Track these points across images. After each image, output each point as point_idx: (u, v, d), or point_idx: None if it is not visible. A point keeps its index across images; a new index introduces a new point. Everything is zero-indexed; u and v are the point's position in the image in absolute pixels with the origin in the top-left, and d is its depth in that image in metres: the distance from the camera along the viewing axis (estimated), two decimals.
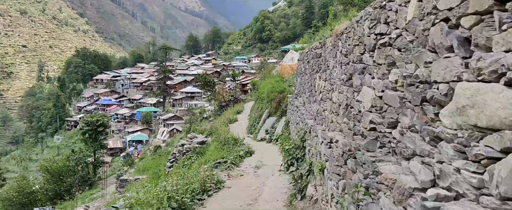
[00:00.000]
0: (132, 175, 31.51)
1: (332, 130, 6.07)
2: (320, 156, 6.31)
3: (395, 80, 3.61)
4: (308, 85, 11.04)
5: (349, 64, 5.60)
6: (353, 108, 5.05)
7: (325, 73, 7.98)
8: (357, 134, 4.64)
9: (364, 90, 4.62)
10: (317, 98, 8.97)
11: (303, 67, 12.48)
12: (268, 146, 15.79)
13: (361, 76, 4.89)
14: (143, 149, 68.42)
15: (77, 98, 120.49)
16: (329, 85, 7.41)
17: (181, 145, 21.20)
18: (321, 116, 7.94)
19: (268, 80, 22.35)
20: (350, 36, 5.79)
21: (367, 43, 4.82)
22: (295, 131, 12.58)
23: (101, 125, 43.68)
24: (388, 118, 3.68)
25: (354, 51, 5.38)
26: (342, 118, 5.56)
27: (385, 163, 3.39)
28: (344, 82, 5.71)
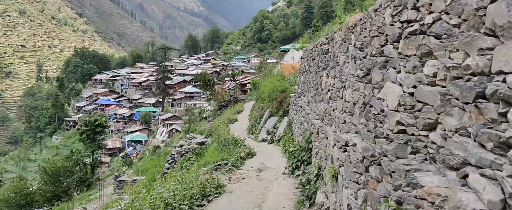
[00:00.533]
0: (130, 176, 30.87)
1: (346, 132, 5.46)
2: (331, 160, 5.71)
3: (433, 73, 3.00)
4: (313, 83, 10.44)
5: (365, 58, 5.00)
6: (372, 107, 4.44)
7: (334, 70, 7.37)
8: (379, 137, 4.03)
9: (388, 86, 4.01)
10: (324, 97, 8.37)
11: (307, 64, 11.88)
12: (269, 147, 15.18)
13: (382, 70, 4.29)
14: (142, 149, 67.97)
15: (76, 98, 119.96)
16: (339, 82, 6.81)
17: (179, 146, 20.57)
18: (330, 116, 7.34)
19: (269, 79, 21.73)
20: (366, 27, 5.18)
21: (389, 33, 4.21)
22: (299, 132, 11.98)
23: (99, 125, 43.00)
24: (424, 118, 3.07)
25: (373, 43, 4.77)
26: (358, 118, 4.95)
27: (424, 173, 2.78)
28: (360, 78, 5.10)
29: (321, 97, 9.01)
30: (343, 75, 6.46)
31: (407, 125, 3.40)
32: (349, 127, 5.44)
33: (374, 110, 4.37)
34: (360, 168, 4.08)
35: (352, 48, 5.99)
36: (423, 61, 3.24)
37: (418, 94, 3.25)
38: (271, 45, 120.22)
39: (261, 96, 20.44)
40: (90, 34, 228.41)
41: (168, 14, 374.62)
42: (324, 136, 6.78)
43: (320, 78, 9.45)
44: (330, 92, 7.52)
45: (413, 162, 3.01)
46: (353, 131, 5.17)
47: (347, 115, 5.72)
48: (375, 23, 4.72)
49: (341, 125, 6.07)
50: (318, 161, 7.20)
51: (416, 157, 3.15)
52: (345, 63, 6.49)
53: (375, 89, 4.43)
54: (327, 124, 7.49)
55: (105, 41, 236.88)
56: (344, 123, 5.89)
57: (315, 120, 8.85)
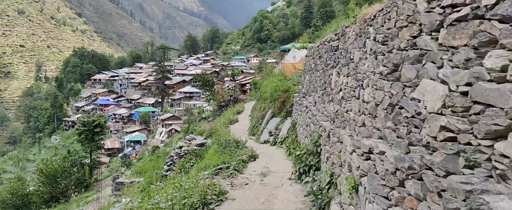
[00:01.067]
0: (129, 177, 30.20)
1: (366, 136, 4.80)
2: (349, 168, 5.04)
3: (501, 66, 2.34)
4: (321, 82, 9.78)
5: (391, 53, 4.33)
6: (403, 109, 3.78)
7: (347, 68, 6.71)
8: (415, 145, 3.37)
9: (425, 84, 3.36)
10: (335, 97, 7.71)
11: (313, 63, 11.23)
12: (272, 149, 14.51)
13: (416, 66, 3.63)
14: (141, 150, 67.60)
15: (75, 98, 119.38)
16: (354, 81, 6.14)
17: (179, 148, 19.90)
18: (343, 117, 6.68)
19: (270, 79, 21.05)
20: (391, 18, 4.52)
21: (424, 22, 3.55)
22: (304, 133, 11.32)
23: (98, 126, 42.29)
24: (487, 124, 2.41)
25: (401, 35, 4.11)
26: (383, 121, 4.29)
27: (495, 196, 2.13)
28: (384, 75, 4.44)
29: (330, 97, 8.35)
30: (359, 73, 5.81)
31: (458, 131, 2.74)
32: (370, 131, 4.77)
33: (405, 112, 3.71)
34: (392, 181, 3.42)
35: (371, 43, 5.33)
36: (482, 52, 2.58)
37: (475, 93, 2.59)
38: (271, 45, 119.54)
39: (263, 96, 19.77)
40: (89, 34, 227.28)
41: (168, 14, 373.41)
42: (338, 140, 6.12)
43: (328, 76, 8.80)
44: (343, 91, 6.86)
45: (475, 180, 2.35)
46: (376, 136, 4.50)
47: (366, 117, 5.06)
48: (403, 12, 4.06)
49: (359, 128, 5.41)
50: (330, 167, 6.54)
51: (474, 172, 2.49)
52: (361, 60, 5.83)
53: (407, 88, 3.76)
54: (339, 126, 6.83)
55: (104, 41, 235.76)
56: (362, 127, 5.23)
57: (324, 122, 8.19)
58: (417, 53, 3.65)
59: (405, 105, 3.72)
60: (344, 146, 5.43)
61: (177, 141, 50.88)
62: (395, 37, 4.27)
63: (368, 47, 5.49)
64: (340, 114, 6.84)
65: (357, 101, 5.69)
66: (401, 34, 4.09)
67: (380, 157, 3.77)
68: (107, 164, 65.11)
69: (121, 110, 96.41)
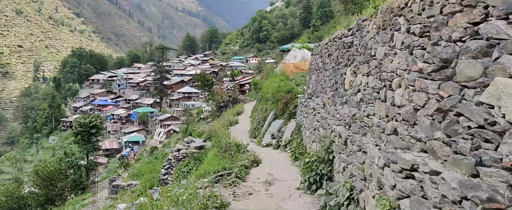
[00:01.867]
0: (125, 180, 29.26)
1: (402, 148, 3.94)
2: (378, 185, 4.18)
3: None
4: (331, 83, 8.92)
5: (437, 46, 3.48)
6: (463, 116, 2.92)
7: (367, 66, 5.85)
8: (489, 166, 2.51)
9: (501, 84, 2.50)
10: (350, 99, 6.85)
11: (321, 62, 10.37)
12: (275, 154, 13.65)
13: (483, 60, 2.78)
14: (140, 150, 66.95)
15: (73, 99, 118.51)
16: (377, 81, 5.29)
17: (177, 150, 19.00)
18: (363, 123, 5.82)
19: (272, 79, 20.17)
20: (433, 3, 3.66)
21: (495, 3, 2.69)
22: (311, 138, 10.47)
23: (94, 127, 41.34)
24: None
25: (453, 23, 3.25)
26: (429, 131, 3.43)
27: None
28: (427, 74, 3.59)
29: (344, 99, 7.48)
30: (385, 71, 4.95)
31: None
32: (407, 142, 3.91)
33: (467, 121, 2.85)
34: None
35: (402, 36, 4.46)
36: None
37: None
38: (269, 45, 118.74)
39: (264, 97, 18.90)
40: (87, 34, 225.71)
41: (166, 14, 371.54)
42: (358, 149, 5.28)
43: (341, 76, 7.94)
44: (362, 93, 6.00)
45: None
46: (416, 148, 3.64)
47: (400, 124, 4.20)
48: None
49: (387, 137, 4.55)
50: (348, 180, 5.68)
51: None
52: (387, 56, 4.97)
53: (468, 89, 2.90)
54: (358, 132, 5.98)
55: (102, 41, 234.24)
56: (393, 135, 4.37)
57: (337, 126, 7.34)
58: (482, 44, 2.80)
59: (466, 112, 2.86)
60: (370, 157, 4.58)
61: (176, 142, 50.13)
62: (443, 26, 3.41)
63: (397, 41, 4.63)
64: (359, 118, 5.98)
65: (383, 105, 4.83)
66: (453, 22, 3.23)
67: (432, 178, 2.91)
68: (105, 164, 64.26)
69: (119, 111, 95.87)
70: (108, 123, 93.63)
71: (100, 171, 62.01)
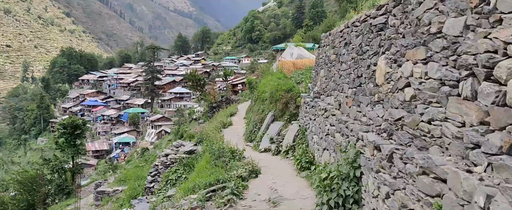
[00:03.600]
0: (111, 185, 27.13)
1: None
2: None
3: None
4: (350, 78, 7.10)
5: None
6: None
7: (424, 49, 4.03)
8: None
9: None
10: (388, 97, 5.04)
11: (334, 53, 8.55)
12: (276, 161, 11.79)
13: None
14: (130, 152, 65.59)
15: (62, 99, 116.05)
16: (449, 69, 3.48)
17: (164, 155, 17.02)
18: (419, 131, 4.00)
19: (269, 77, 18.30)
20: None
21: None
22: (322, 144, 8.65)
23: (78, 128, 39.00)
24: None
25: None
26: None
27: None
28: None
29: (374, 98, 5.67)
30: (467, 53, 3.16)
31: None
32: None
33: None
34: None
35: None
36: None
37: None
38: (262, 45, 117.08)
39: (261, 97, 17.04)
40: (77, 34, 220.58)
41: (158, 14, 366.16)
42: (420, 171, 3.47)
43: (367, 68, 6.12)
44: (414, 88, 4.18)
45: None
46: None
47: None
48: None
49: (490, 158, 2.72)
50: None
51: None
52: (468, 30, 3.18)
53: None
54: (408, 144, 4.17)
55: (93, 41, 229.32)
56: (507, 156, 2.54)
57: (366, 133, 5.53)
58: None
59: None
60: (457, 191, 2.76)
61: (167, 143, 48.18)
62: None
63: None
64: (411, 124, 4.16)
65: (472, 105, 3.01)
66: None
67: None
68: (94, 166, 61.99)
69: (109, 111, 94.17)
70: (98, 124, 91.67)
71: (89, 173, 59.87)
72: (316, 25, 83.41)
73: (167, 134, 63.37)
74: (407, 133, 4.24)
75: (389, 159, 4.27)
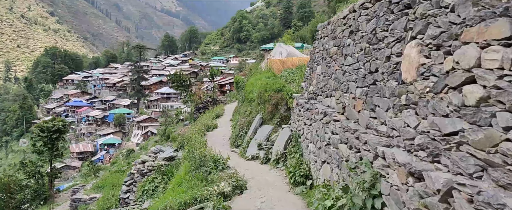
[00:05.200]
0: (88, 192, 25.06)
1: None
2: None
3: None
4: (359, 74, 5.52)
5: None
6: None
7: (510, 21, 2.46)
8: None
9: None
10: (426, 100, 3.48)
11: (335, 45, 6.97)
12: (265, 171, 10.15)
13: None
14: (115, 153, 63.60)
15: (45, 100, 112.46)
16: None
17: (141, 163, 15.21)
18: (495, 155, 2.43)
19: (257, 76, 16.63)
20: None
21: None
22: (321, 156, 7.06)
23: (58, 131, 36.66)
24: None
25: None
26: None
27: None
28: None
29: (400, 100, 4.09)
30: None
31: None
32: None
33: None
34: None
35: None
36: None
37: None
38: (250, 45, 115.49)
39: (248, 97, 15.37)
40: (62, 33, 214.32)
41: (145, 14, 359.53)
42: None
43: (387, 60, 4.55)
44: (483, 85, 2.61)
45: None
46: None
47: None
48: None
49: None
50: None
51: None
52: None
53: None
54: (475, 174, 2.60)
55: (78, 41, 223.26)
56: None
57: (388, 149, 3.97)
58: None
59: None
60: None
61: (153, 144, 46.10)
62: None
63: None
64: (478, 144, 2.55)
65: None
66: None
67: None
68: (78, 168, 59.55)
69: (94, 112, 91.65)
70: (83, 125, 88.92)
71: (73, 175, 57.32)
72: (304, 25, 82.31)
73: (153, 135, 61.80)
74: (473, 157, 2.65)
75: (443, 198, 2.68)
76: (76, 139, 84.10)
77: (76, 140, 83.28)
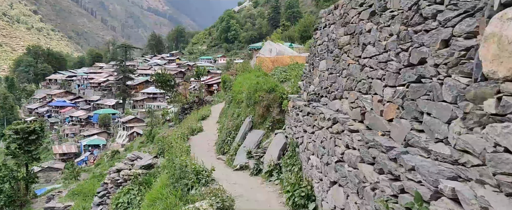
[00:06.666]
0: (63, 200, 22.97)
1: None
2: None
3: None
4: (390, 68, 3.95)
5: None
6: None
7: None
8: None
9: None
10: None
11: (346, 33, 5.40)
12: (255, 186, 8.53)
13: None
14: (100, 154, 61.59)
15: (28, 100, 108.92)
16: None
17: (116, 171, 13.38)
18: None
19: (246, 75, 14.96)
20: None
21: None
22: (330, 175, 5.45)
23: (34, 132, 34.30)
24: None
25: None
26: None
27: None
28: None
29: (477, 107, 2.54)
30: None
31: None
32: None
33: None
34: None
35: None
36: None
37: None
38: (238, 45, 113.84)
39: (236, 98, 13.73)
40: (46, 32, 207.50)
41: (131, 13, 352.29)
42: None
43: (445, 44, 3.00)
44: None
45: None
46: None
47: None
48: None
49: None
50: None
51: None
52: None
53: None
54: None
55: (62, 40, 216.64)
56: None
57: (458, 185, 2.42)
58: None
59: None
60: None
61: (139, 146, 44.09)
62: None
63: None
64: None
65: None
66: None
67: None
68: (61, 170, 57.21)
69: (78, 112, 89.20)
70: (66, 125, 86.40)
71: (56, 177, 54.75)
72: (292, 25, 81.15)
73: (139, 136, 60.25)
74: None
75: None
76: (59, 140, 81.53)
77: (60, 141, 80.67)
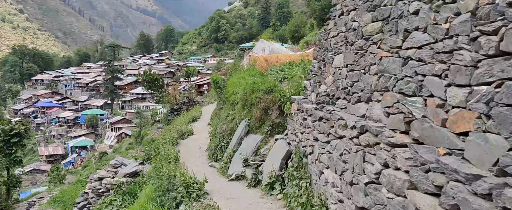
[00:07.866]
0: (44, 207, 21.37)
1: None
2: None
3: None
4: (457, 61, 2.80)
5: None
6: None
7: None
8: None
9: None
10: None
11: (375, 19, 4.26)
12: (255, 201, 7.32)
13: None
14: (87, 156, 60.10)
15: (13, 100, 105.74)
16: None
17: (98, 179, 12.02)
18: None
19: (240, 75, 13.70)
20: None
21: None
22: (357, 198, 4.21)
23: (17, 134, 32.38)
24: None
25: None
26: None
27: None
28: None
29: None
30: None
31: None
32: None
33: None
34: None
35: None
36: None
37: None
38: (228, 45, 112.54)
39: (230, 99, 12.50)
40: (32, 31, 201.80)
41: (119, 12, 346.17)
42: None
43: None
44: None
45: None
46: None
47: None
48: None
49: None
50: None
51: None
52: None
53: None
54: None
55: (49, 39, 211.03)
56: None
57: None
58: None
59: None
60: None
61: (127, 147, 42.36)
62: None
63: None
64: None
65: None
66: None
67: None
68: (47, 172, 55.24)
69: (65, 113, 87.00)
70: (53, 126, 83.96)
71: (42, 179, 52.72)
72: (282, 25, 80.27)
73: (127, 137, 58.98)
74: None
75: None
76: (45, 141, 79.05)
77: (46, 142, 78.21)
